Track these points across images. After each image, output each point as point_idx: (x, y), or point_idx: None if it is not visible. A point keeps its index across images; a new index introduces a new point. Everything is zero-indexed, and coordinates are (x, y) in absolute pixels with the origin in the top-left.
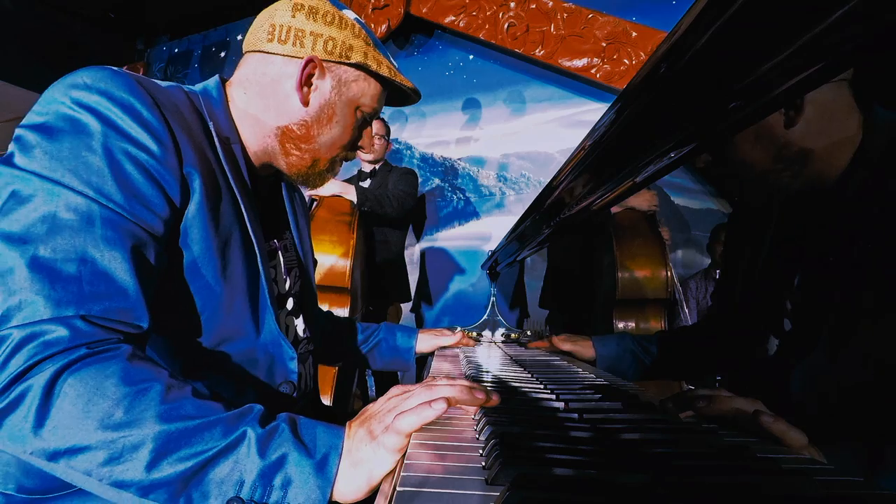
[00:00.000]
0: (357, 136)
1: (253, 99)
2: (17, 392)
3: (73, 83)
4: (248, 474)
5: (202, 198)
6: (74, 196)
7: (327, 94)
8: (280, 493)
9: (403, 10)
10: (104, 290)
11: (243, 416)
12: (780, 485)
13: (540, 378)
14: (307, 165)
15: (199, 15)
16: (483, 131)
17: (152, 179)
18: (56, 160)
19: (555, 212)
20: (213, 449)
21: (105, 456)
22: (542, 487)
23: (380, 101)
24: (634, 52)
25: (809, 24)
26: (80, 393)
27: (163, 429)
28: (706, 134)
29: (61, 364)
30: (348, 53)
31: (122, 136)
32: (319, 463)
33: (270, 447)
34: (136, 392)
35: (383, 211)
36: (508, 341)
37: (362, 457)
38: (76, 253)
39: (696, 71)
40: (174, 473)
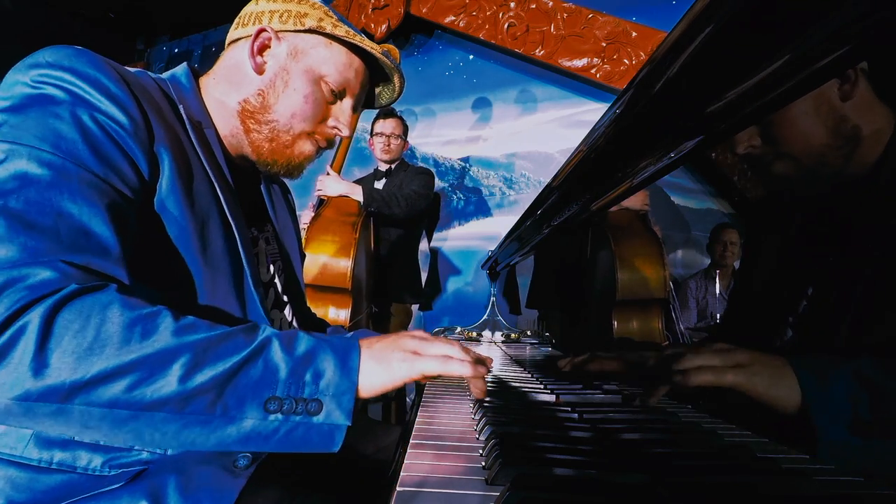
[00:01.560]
0: (324, 111)
1: (220, 83)
2: (5, 339)
3: (34, 63)
4: (281, 372)
5: (174, 175)
6: (45, 155)
7: (282, 60)
8: (312, 387)
9: (403, 10)
10: (84, 243)
11: (255, 327)
12: (780, 485)
13: (540, 378)
14: (267, 140)
15: (199, 15)
16: (483, 131)
17: (121, 149)
18: (23, 129)
19: (555, 212)
20: (242, 353)
21: (131, 379)
22: (542, 487)
23: (348, 72)
24: (634, 52)
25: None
26: (83, 324)
27: (188, 341)
28: (706, 133)
29: (52, 301)
30: (302, 20)
31: (89, 106)
32: (342, 356)
33: (296, 347)
34: (145, 315)
35: (390, 211)
36: (508, 341)
37: (386, 358)
38: (52, 206)
39: (697, 70)
40: (209, 381)
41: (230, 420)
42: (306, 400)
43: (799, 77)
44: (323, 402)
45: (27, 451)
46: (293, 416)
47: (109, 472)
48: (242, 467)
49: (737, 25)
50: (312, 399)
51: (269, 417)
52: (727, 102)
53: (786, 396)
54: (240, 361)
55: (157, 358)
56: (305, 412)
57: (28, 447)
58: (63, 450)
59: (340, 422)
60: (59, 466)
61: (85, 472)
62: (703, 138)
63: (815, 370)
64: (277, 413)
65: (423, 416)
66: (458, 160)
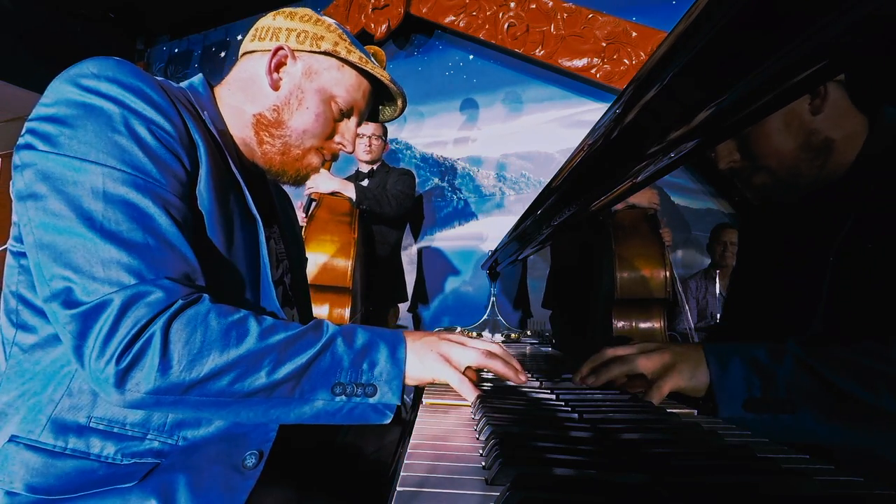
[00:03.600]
0: (332, 128)
1: (235, 94)
2: (138, 348)
3: (81, 73)
4: (345, 362)
5: (208, 176)
6: (116, 172)
7: (297, 79)
8: (368, 374)
9: (403, 10)
10: (170, 256)
11: (320, 324)
12: (779, 485)
13: (540, 378)
14: (279, 153)
15: (199, 15)
16: (483, 131)
17: (174, 154)
18: (85, 143)
19: (555, 212)
20: (315, 348)
21: (233, 376)
22: (542, 487)
23: (357, 94)
24: (634, 52)
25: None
26: (191, 333)
27: (272, 342)
28: (707, 133)
29: (167, 317)
30: (319, 43)
31: (139, 117)
32: (392, 349)
33: (355, 341)
34: (236, 321)
35: (381, 210)
36: (508, 341)
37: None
38: (137, 223)
39: (697, 70)
40: (290, 373)
41: (305, 401)
42: (364, 385)
43: (798, 78)
44: (377, 386)
45: (43, 436)
46: (354, 398)
47: (122, 460)
48: (251, 466)
49: (737, 25)
50: (369, 384)
51: (336, 399)
52: (727, 102)
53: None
54: (313, 356)
55: (250, 358)
56: (364, 394)
57: (44, 432)
58: (77, 436)
59: (392, 401)
60: (73, 452)
61: (98, 458)
62: (703, 139)
63: (721, 358)
64: (342, 395)
65: (424, 416)
66: (457, 160)
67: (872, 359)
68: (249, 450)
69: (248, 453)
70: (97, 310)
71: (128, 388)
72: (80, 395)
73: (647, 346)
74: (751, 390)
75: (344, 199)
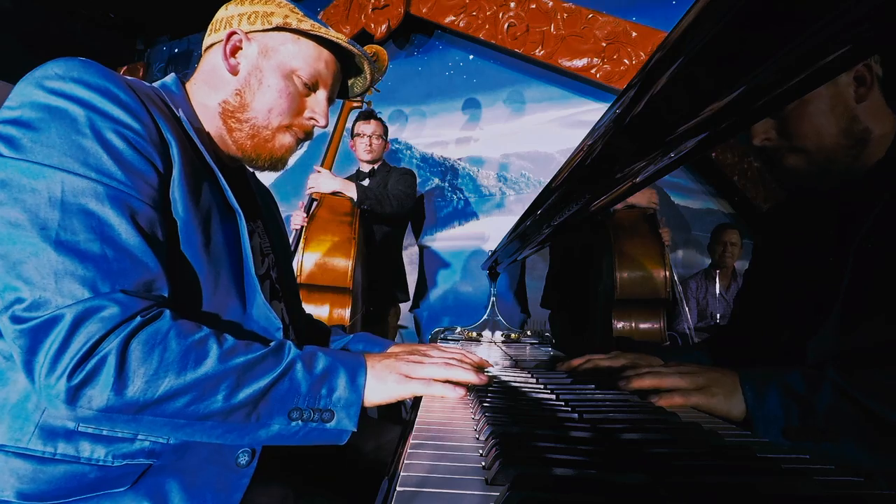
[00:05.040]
0: (299, 104)
1: (201, 88)
2: (92, 365)
3: (45, 75)
4: (303, 387)
5: (181, 170)
6: (77, 179)
7: (254, 59)
8: (326, 400)
9: (403, 10)
10: (129, 265)
11: (282, 347)
12: (779, 485)
13: (540, 378)
14: (248, 138)
15: (199, 15)
16: (483, 131)
17: (142, 155)
18: (48, 147)
19: (555, 212)
20: (272, 374)
21: (189, 398)
22: (542, 487)
23: (318, 64)
24: (634, 52)
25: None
26: (148, 353)
27: (231, 366)
28: (706, 133)
29: (125, 334)
30: (269, 19)
31: (106, 118)
32: (352, 375)
33: (315, 366)
34: (196, 342)
35: (383, 210)
36: (508, 341)
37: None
38: (95, 233)
39: (697, 70)
40: (247, 398)
41: (261, 426)
42: (321, 410)
43: (798, 77)
44: (335, 412)
45: (31, 443)
46: (311, 423)
47: (113, 462)
48: (244, 464)
49: (737, 25)
50: (326, 409)
51: (292, 424)
52: (727, 103)
53: (736, 410)
54: (271, 382)
55: (207, 382)
56: (320, 420)
57: (32, 439)
58: (66, 441)
59: (348, 427)
60: (62, 457)
61: (89, 462)
62: (702, 139)
63: (756, 386)
64: (298, 420)
65: (423, 416)
66: (456, 160)
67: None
68: (242, 447)
69: (241, 451)
70: (48, 325)
71: (79, 404)
72: None
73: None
74: (789, 419)
75: (345, 198)
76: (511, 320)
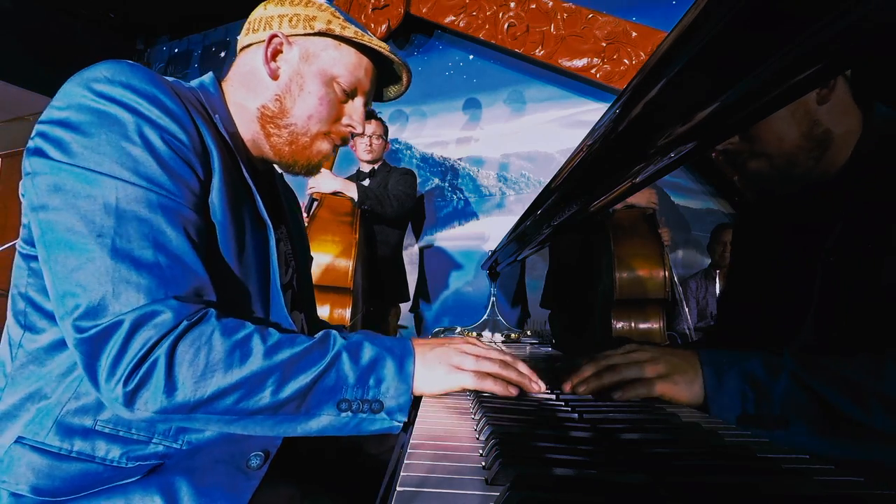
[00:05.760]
0: (338, 111)
1: (238, 90)
2: (144, 371)
3: (94, 77)
4: (350, 379)
5: (221, 178)
6: (130, 187)
7: (295, 64)
8: (375, 390)
9: (403, 10)
10: (181, 272)
11: (327, 338)
12: (780, 485)
13: (540, 378)
14: (287, 144)
15: (199, 15)
16: (483, 131)
17: (187, 164)
18: (99, 153)
19: (554, 212)
20: (319, 367)
21: (237, 396)
22: (542, 487)
23: (358, 72)
24: (634, 52)
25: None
26: (195, 354)
27: (276, 361)
28: (706, 133)
29: (173, 338)
30: (311, 24)
31: (153, 126)
32: (400, 363)
33: (361, 356)
34: (241, 340)
35: (383, 210)
36: (509, 342)
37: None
38: (148, 240)
39: (696, 71)
40: (295, 392)
41: (311, 417)
42: (370, 401)
43: (798, 78)
44: (384, 402)
45: (49, 439)
46: (360, 414)
47: (127, 463)
48: (255, 467)
49: (737, 27)
50: (375, 400)
51: (341, 415)
52: (727, 103)
53: (696, 395)
54: (317, 375)
55: (254, 378)
56: (370, 410)
57: (50, 434)
58: (83, 439)
59: (399, 418)
60: (78, 455)
61: (103, 462)
62: (702, 139)
63: (716, 371)
64: (348, 412)
65: (424, 416)
66: (456, 160)
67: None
68: (255, 451)
69: (253, 454)
70: (108, 331)
71: (137, 407)
72: (86, 397)
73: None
74: (745, 406)
75: (346, 198)
76: (511, 320)
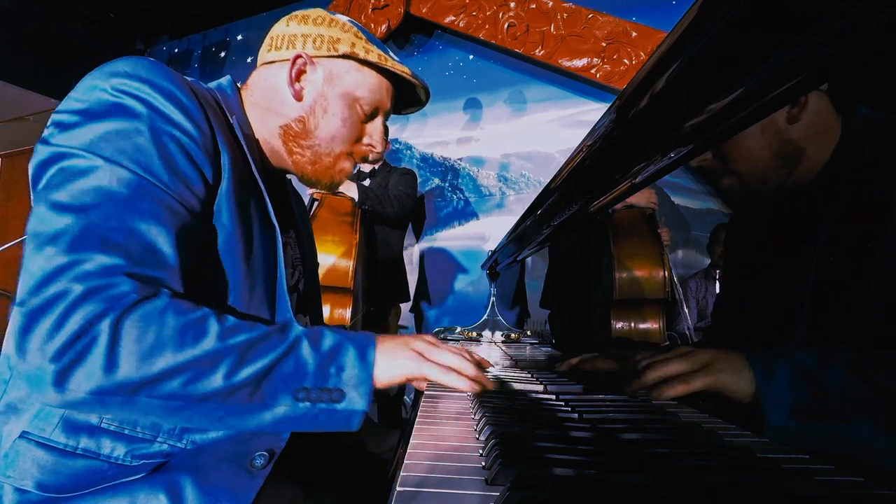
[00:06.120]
0: (359, 130)
1: (258, 101)
2: (83, 344)
3: (114, 72)
4: (308, 367)
5: (231, 180)
6: (124, 171)
7: (319, 86)
8: (335, 379)
9: (403, 10)
10: (149, 259)
11: (287, 326)
12: (780, 485)
13: (540, 378)
14: (310, 163)
15: (199, 15)
16: (483, 131)
17: (192, 161)
18: (104, 140)
19: (554, 212)
20: (276, 352)
21: (186, 377)
22: (542, 487)
23: (380, 94)
24: (634, 52)
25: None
26: (143, 330)
27: (232, 343)
28: (706, 134)
29: (119, 311)
30: (336, 46)
31: (165, 121)
32: (361, 352)
33: (322, 343)
34: (195, 320)
35: (384, 210)
36: (508, 341)
37: (396, 355)
38: (125, 223)
39: (697, 71)
40: (249, 377)
41: (266, 407)
42: (330, 390)
43: (797, 79)
44: (345, 391)
45: (54, 435)
46: (319, 404)
47: (132, 461)
48: (259, 466)
49: (734, 30)
50: (336, 389)
51: (299, 405)
52: (727, 103)
53: (744, 388)
54: (274, 359)
55: (206, 359)
56: (329, 400)
57: (55, 431)
58: (89, 436)
59: (359, 408)
60: (83, 452)
61: (108, 459)
62: (701, 140)
63: (765, 363)
64: (306, 401)
65: (424, 416)
66: (456, 160)
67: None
68: (259, 450)
69: (258, 453)
70: (50, 303)
71: (69, 387)
72: None
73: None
74: (798, 397)
75: (346, 198)
76: (511, 320)
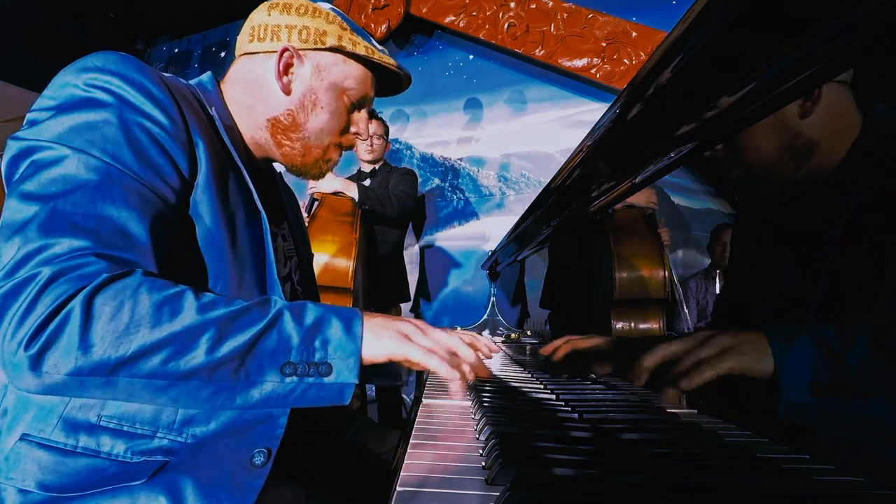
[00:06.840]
0: (346, 120)
1: (242, 95)
2: (55, 325)
3: (84, 67)
4: (293, 341)
5: (209, 171)
6: (92, 160)
7: (307, 80)
8: (322, 352)
9: (403, 10)
10: (120, 241)
11: (267, 300)
12: (780, 485)
13: (540, 378)
14: (300, 155)
15: (199, 15)
16: (483, 131)
17: (163, 151)
18: (74, 131)
19: (554, 212)
20: (258, 325)
21: (166, 353)
22: (542, 487)
23: (366, 84)
24: (634, 52)
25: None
26: (118, 307)
27: (211, 317)
28: (706, 134)
29: (91, 289)
30: (323, 38)
31: (135, 111)
32: (347, 324)
33: (305, 317)
34: (171, 295)
35: (384, 210)
36: (508, 341)
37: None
38: (94, 209)
39: (697, 70)
40: (232, 351)
41: (252, 384)
42: (317, 364)
43: (798, 78)
44: (332, 364)
45: (54, 435)
46: (307, 378)
47: (132, 458)
48: (259, 465)
49: (734, 29)
50: (323, 363)
51: (286, 380)
52: (727, 103)
53: (765, 367)
54: (257, 333)
55: (185, 334)
56: (317, 374)
57: (55, 431)
58: (88, 435)
59: (350, 380)
60: (84, 450)
61: (108, 457)
62: (701, 140)
63: (784, 339)
64: (293, 376)
65: (423, 416)
66: (456, 160)
67: None
68: (258, 447)
69: (257, 451)
70: (21, 286)
71: (46, 370)
72: None
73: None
74: (818, 373)
75: (346, 198)
76: (511, 320)
